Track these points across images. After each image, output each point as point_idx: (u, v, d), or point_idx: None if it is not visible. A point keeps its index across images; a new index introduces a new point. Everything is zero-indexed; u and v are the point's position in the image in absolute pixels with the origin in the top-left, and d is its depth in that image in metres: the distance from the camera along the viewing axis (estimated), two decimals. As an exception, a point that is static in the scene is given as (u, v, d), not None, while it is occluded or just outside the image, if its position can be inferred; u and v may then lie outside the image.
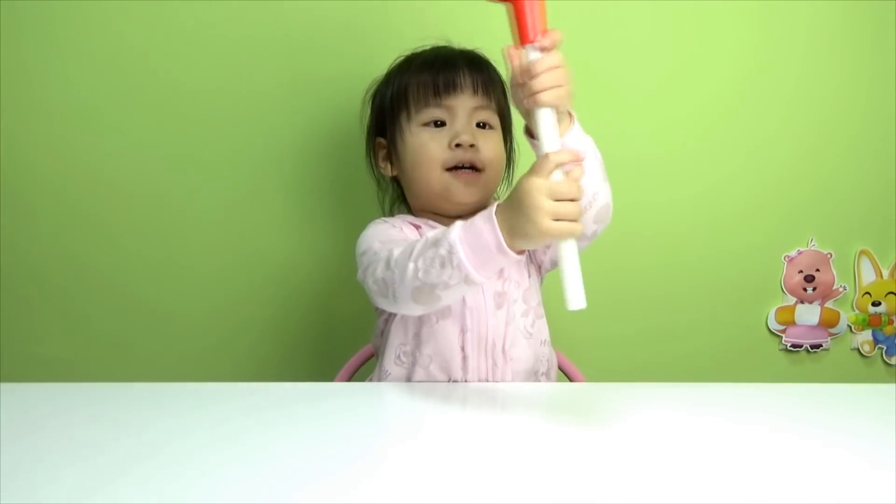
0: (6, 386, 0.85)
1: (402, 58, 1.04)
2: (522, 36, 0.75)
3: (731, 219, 1.30)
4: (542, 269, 1.01)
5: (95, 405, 0.81)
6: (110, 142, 1.24)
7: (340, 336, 1.27)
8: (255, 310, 1.29)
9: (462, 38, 1.03)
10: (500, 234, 0.72)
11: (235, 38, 1.22)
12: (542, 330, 0.99)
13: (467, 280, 0.75)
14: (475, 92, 0.96)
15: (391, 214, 1.06)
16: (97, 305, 1.28)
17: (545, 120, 0.74)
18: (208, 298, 1.29)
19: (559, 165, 0.72)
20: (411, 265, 0.77)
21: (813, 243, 1.32)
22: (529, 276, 0.99)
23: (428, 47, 1.03)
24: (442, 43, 1.04)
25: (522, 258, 0.85)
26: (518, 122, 0.99)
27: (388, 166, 1.03)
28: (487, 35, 1.03)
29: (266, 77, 1.23)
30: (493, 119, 0.99)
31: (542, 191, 0.70)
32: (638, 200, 1.29)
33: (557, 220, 0.70)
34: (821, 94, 1.28)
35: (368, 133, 1.06)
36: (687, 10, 1.24)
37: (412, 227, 0.98)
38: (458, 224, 0.76)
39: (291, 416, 0.79)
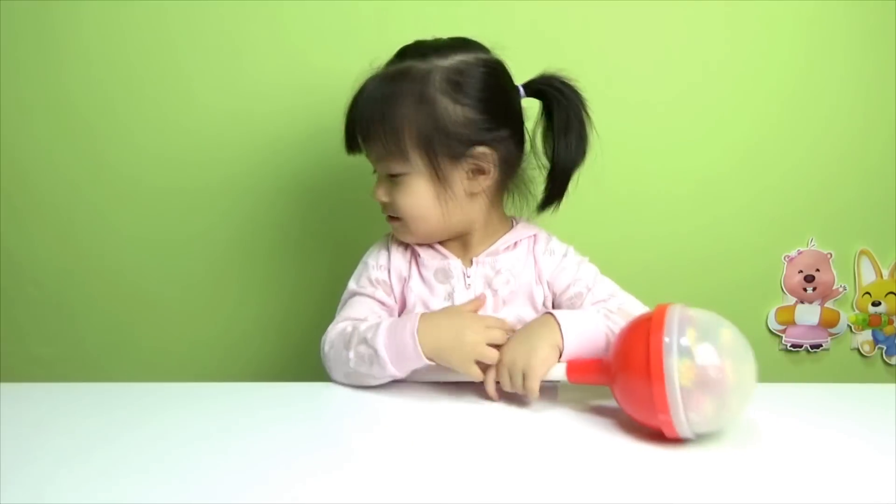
0: (6, 386, 0.85)
1: (492, 59, 0.94)
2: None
3: (731, 219, 1.30)
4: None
5: (95, 405, 0.81)
6: (110, 143, 1.24)
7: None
8: (255, 310, 1.29)
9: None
10: (421, 353, 0.82)
11: (240, 39, 1.21)
12: None
13: (393, 376, 0.84)
14: (370, 151, 0.93)
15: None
16: (93, 306, 1.28)
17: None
18: (209, 298, 1.29)
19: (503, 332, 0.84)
20: (344, 353, 0.85)
21: (813, 243, 1.32)
22: (543, 292, 0.97)
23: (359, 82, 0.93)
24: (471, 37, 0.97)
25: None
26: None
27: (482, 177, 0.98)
28: (492, 33, 1.04)
29: (272, 76, 1.22)
30: (401, 166, 0.90)
31: (479, 344, 0.82)
32: (638, 200, 1.28)
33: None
34: (821, 94, 1.28)
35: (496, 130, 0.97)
36: (687, 9, 1.24)
37: (412, 257, 0.96)
38: (384, 329, 0.84)
39: (291, 416, 0.79)
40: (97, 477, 0.65)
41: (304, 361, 1.29)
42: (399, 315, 0.94)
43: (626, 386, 0.73)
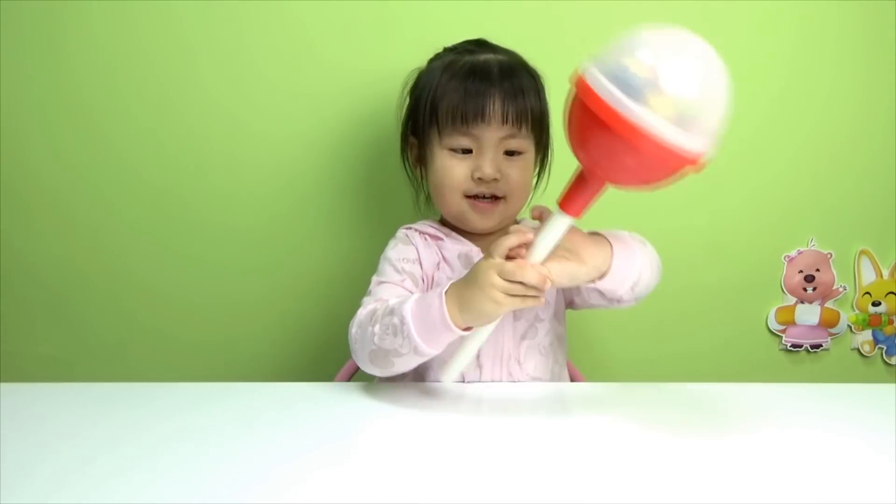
0: (6, 386, 0.85)
1: (443, 55, 0.99)
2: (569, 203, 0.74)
3: (731, 219, 1.30)
4: (573, 305, 1.01)
5: (95, 405, 0.81)
6: (116, 139, 1.24)
7: (341, 336, 1.26)
8: (255, 311, 1.29)
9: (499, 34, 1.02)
10: (445, 311, 0.76)
11: (248, 34, 1.21)
12: (559, 352, 1.00)
13: (416, 350, 0.79)
14: (504, 122, 0.91)
15: (427, 208, 1.06)
16: (96, 306, 1.28)
17: (551, 228, 0.75)
18: (209, 299, 1.28)
19: (510, 248, 0.76)
20: (370, 329, 0.82)
21: (813, 243, 1.32)
22: (557, 298, 0.99)
23: (470, 49, 0.98)
24: (483, 36, 1.01)
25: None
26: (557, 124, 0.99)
27: (420, 168, 1.02)
28: (495, 32, 1.04)
29: (280, 74, 1.22)
30: (524, 144, 0.94)
31: (492, 268, 0.75)
32: (638, 200, 1.28)
33: (509, 294, 0.74)
34: (820, 94, 1.28)
35: (403, 128, 1.03)
36: (686, 9, 1.24)
37: (432, 243, 0.98)
38: (414, 296, 0.81)
39: (291, 416, 0.79)
40: (101, 478, 0.65)
41: (303, 361, 1.29)
42: None
43: (611, 154, 0.68)
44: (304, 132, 1.23)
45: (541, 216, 0.79)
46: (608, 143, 0.67)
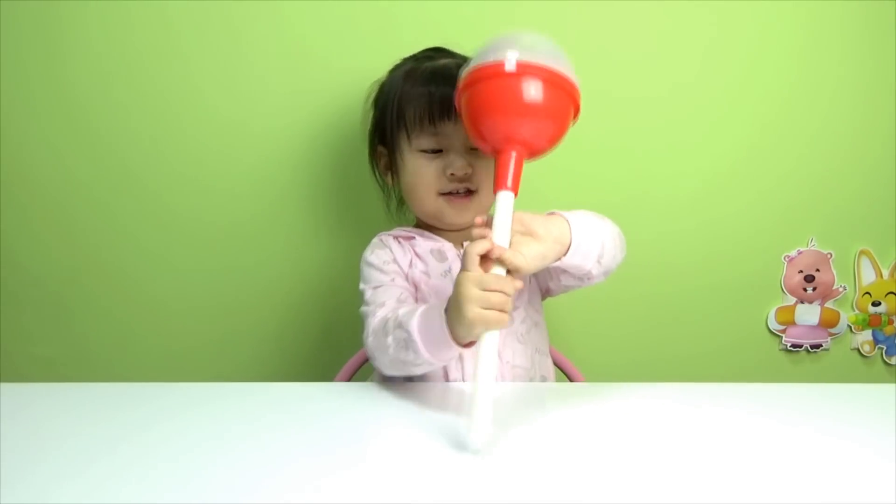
0: (6, 386, 0.85)
1: (403, 64, 1.02)
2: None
3: (731, 219, 1.30)
4: (550, 292, 1.02)
5: (95, 405, 0.81)
6: (114, 141, 1.24)
7: (340, 336, 1.27)
8: (255, 310, 1.29)
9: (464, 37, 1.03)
10: (447, 330, 0.76)
11: (244, 36, 1.21)
12: (538, 339, 1.00)
13: (429, 362, 0.80)
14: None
15: (398, 213, 1.09)
16: (93, 306, 1.28)
17: (499, 211, 0.76)
18: (208, 298, 1.28)
19: (480, 254, 0.74)
20: (384, 340, 0.83)
21: (813, 243, 1.32)
22: (530, 286, 1.00)
23: (429, 55, 1.01)
24: (444, 45, 1.03)
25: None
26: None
27: (390, 175, 1.04)
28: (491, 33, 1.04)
29: (271, 76, 1.22)
30: None
31: (469, 280, 0.73)
32: (638, 200, 1.28)
33: (485, 308, 0.72)
34: (821, 94, 1.28)
35: (371, 138, 1.06)
36: (686, 10, 1.24)
37: (406, 243, 0.99)
38: (419, 312, 0.80)
39: (291, 416, 0.79)
40: (101, 478, 0.65)
41: (303, 361, 1.29)
42: (416, 300, 0.96)
43: (506, 115, 0.79)
44: (301, 133, 1.24)
45: (483, 223, 0.78)
46: (501, 107, 0.78)
